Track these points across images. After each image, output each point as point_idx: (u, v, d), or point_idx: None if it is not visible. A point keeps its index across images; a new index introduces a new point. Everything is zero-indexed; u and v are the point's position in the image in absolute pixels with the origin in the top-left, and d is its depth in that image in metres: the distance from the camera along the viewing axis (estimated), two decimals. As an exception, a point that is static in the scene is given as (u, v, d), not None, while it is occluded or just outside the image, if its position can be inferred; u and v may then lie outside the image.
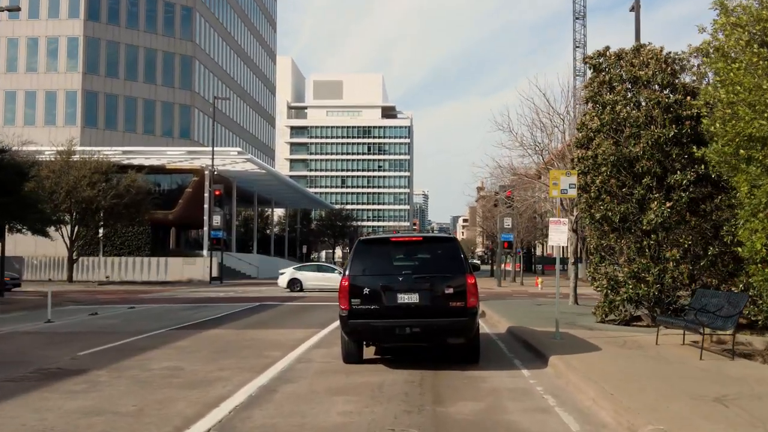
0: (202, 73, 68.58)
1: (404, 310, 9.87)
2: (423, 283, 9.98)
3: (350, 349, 10.56)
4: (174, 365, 10.82)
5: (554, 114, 22.33)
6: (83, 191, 42.30)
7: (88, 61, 61.55)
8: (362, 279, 10.05)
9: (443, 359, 11.14)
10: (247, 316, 20.25)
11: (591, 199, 15.14)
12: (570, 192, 12.78)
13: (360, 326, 9.99)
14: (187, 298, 30.17)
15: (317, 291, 35.10)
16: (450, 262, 10.24)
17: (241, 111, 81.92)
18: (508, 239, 45.51)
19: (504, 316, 18.52)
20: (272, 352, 12.22)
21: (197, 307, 24.25)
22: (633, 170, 14.72)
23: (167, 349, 12.82)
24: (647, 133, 14.46)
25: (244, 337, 14.71)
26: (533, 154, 22.56)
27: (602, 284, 15.14)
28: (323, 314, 20.36)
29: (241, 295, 31.91)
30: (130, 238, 52.64)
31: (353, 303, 9.89)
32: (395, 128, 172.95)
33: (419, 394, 8.44)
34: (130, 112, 63.39)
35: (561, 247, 12.09)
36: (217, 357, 11.69)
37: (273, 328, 16.56)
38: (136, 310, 22.97)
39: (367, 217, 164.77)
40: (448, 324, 9.85)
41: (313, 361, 11.18)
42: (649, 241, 14.61)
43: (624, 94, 15.38)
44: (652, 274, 14.38)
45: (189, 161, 54.26)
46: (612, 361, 10.21)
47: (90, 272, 49.89)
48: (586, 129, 15.79)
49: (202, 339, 14.33)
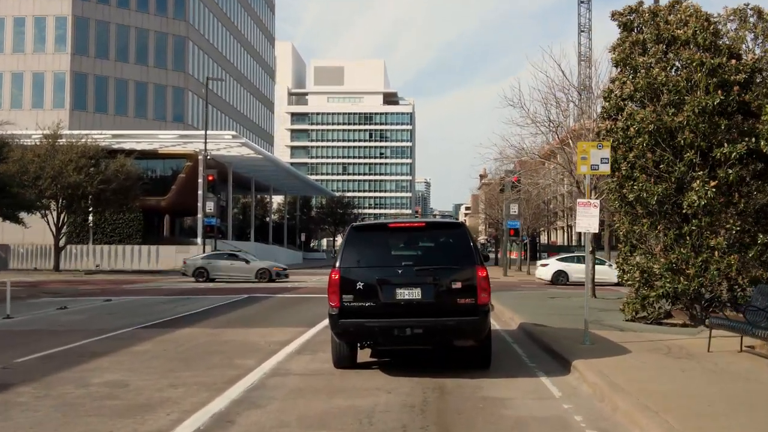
0: (196, 54, 66.09)
1: (404, 308, 8.48)
2: (426, 276, 8.55)
3: (342, 352, 9.15)
4: (119, 379, 8.78)
5: (570, 87, 20.17)
6: (69, 176, 40.20)
7: (77, 42, 59.05)
8: (355, 272, 8.64)
9: (450, 365, 9.14)
10: (230, 310, 18.22)
11: (622, 178, 13.04)
12: (602, 167, 10.66)
13: (353, 327, 8.58)
14: (174, 289, 28.16)
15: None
16: (458, 251, 8.83)
17: (238, 95, 79.54)
18: (514, 226, 43.43)
19: (516, 310, 16.49)
20: (245, 360, 10.17)
21: (180, 299, 22.25)
22: (673, 143, 12.60)
23: (122, 355, 10.78)
24: (692, 100, 12.31)
25: (218, 338, 12.68)
26: (547, 132, 20.41)
27: (633, 277, 13.07)
28: (316, 309, 18.32)
29: (232, 286, 29.92)
30: (121, 226, 50.63)
31: (345, 300, 8.51)
32: (397, 115, 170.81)
33: (421, 429, 6.39)
34: (120, 95, 60.97)
35: (590, 234, 9.96)
36: (177, 367, 9.65)
37: (255, 326, 14.52)
38: (111, 303, 20.97)
39: (369, 205, 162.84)
40: (456, 324, 8.43)
41: (290, 373, 9.13)
42: (689, 227, 12.53)
43: (660, 56, 13.23)
44: (694, 265, 12.31)
45: (182, 145, 52.14)
46: (664, 376, 8.14)
47: (79, 261, 47.91)
48: (614, 97, 13.66)
49: (168, 341, 12.29)
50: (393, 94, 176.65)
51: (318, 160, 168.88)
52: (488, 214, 61.41)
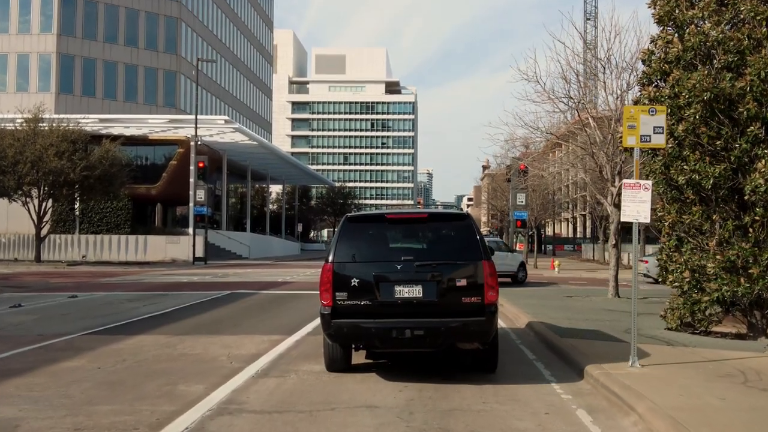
0: (189, 36, 63.41)
1: (404, 308, 7.78)
2: (428, 272, 7.83)
3: (334, 355, 8.41)
4: (8, 418, 6.47)
5: (593, 59, 17.77)
6: (50, 162, 37.87)
7: (64, 22, 56.30)
8: (350, 267, 7.93)
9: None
10: (202, 311, 15.90)
11: (668, 157, 10.67)
12: (654, 139, 8.29)
13: (347, 327, 7.82)
14: (153, 283, 25.88)
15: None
16: (463, 245, 8.07)
17: (234, 80, 76.94)
18: (521, 217, 41.05)
19: (530, 312, 14.17)
20: (192, 385, 7.86)
21: (154, 296, 19.96)
22: (732, 115, 10.23)
23: (40, 375, 8.48)
24: (755, 61, 9.94)
25: (173, 350, 10.37)
26: (566, 110, 18.02)
27: (681, 278, 10.72)
28: (301, 310, 16.05)
29: (218, 280, 27.63)
30: (109, 215, 48.36)
31: (338, 298, 7.81)
32: (399, 104, 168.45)
33: None
34: (109, 78, 58.31)
35: (638, 224, 7.58)
36: (99, 397, 7.34)
37: (223, 332, 12.21)
38: (75, 300, 18.69)
39: (370, 195, 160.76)
40: (460, 325, 7.69)
41: (244, 410, 6.79)
42: (752, 217, 10.17)
43: (714, 8, 10.83)
44: (758, 264, 9.96)
45: (173, 131, 49.78)
46: (762, 424, 5.81)
47: (64, 251, 45.67)
48: (657, 60, 11.27)
49: (109, 355, 9.99)
50: (395, 83, 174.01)
51: (319, 149, 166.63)
52: (493, 204, 59.00)
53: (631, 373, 7.75)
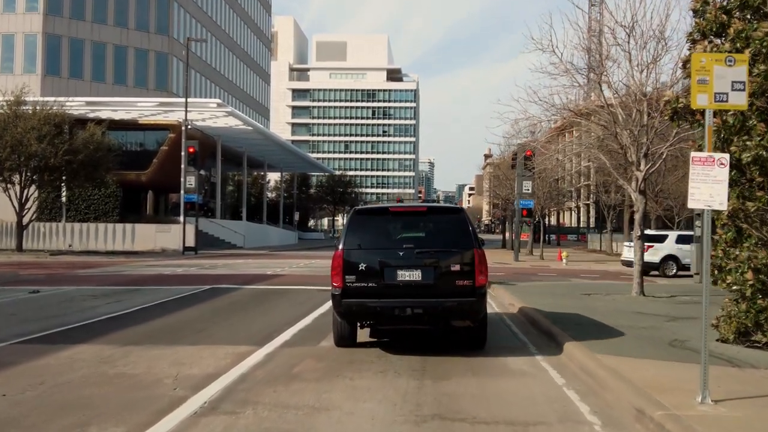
0: (182, 16, 60.99)
1: (405, 289, 8.83)
2: (426, 258, 8.93)
3: (343, 332, 9.49)
4: None
5: (616, 25, 15.65)
6: (30, 146, 35.82)
7: (50, 1, 53.96)
8: (358, 254, 8.97)
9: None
10: (169, 312, 13.86)
11: (728, 131, 8.58)
12: (732, 98, 6.19)
13: (355, 306, 8.90)
14: (132, 276, 23.89)
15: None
16: (457, 235, 9.15)
17: (230, 64, 74.61)
18: (527, 206, 38.88)
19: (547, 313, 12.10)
20: (107, 428, 5.82)
21: (125, 291, 17.98)
22: (812, 75, 8.13)
23: None
24: None
25: (110, 368, 8.31)
26: (585, 83, 15.87)
27: (741, 279, 8.65)
28: (283, 311, 14.08)
29: (204, 272, 25.65)
30: (97, 202, 46.33)
31: (347, 280, 8.83)
32: (401, 92, 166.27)
33: None
34: (98, 60, 55.94)
35: (709, 210, 5.43)
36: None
37: (182, 342, 10.16)
38: (37, 295, 16.75)
39: (371, 184, 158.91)
40: (454, 305, 8.81)
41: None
42: (835, 205, 8.10)
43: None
44: (843, 263, 7.90)
45: (163, 115, 47.65)
46: None
47: (49, 240, 43.69)
48: (712, 10, 9.15)
49: (29, 373, 7.95)
50: (397, 70, 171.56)
51: (319, 137, 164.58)
52: (497, 192, 56.86)
53: (705, 416, 5.69)
